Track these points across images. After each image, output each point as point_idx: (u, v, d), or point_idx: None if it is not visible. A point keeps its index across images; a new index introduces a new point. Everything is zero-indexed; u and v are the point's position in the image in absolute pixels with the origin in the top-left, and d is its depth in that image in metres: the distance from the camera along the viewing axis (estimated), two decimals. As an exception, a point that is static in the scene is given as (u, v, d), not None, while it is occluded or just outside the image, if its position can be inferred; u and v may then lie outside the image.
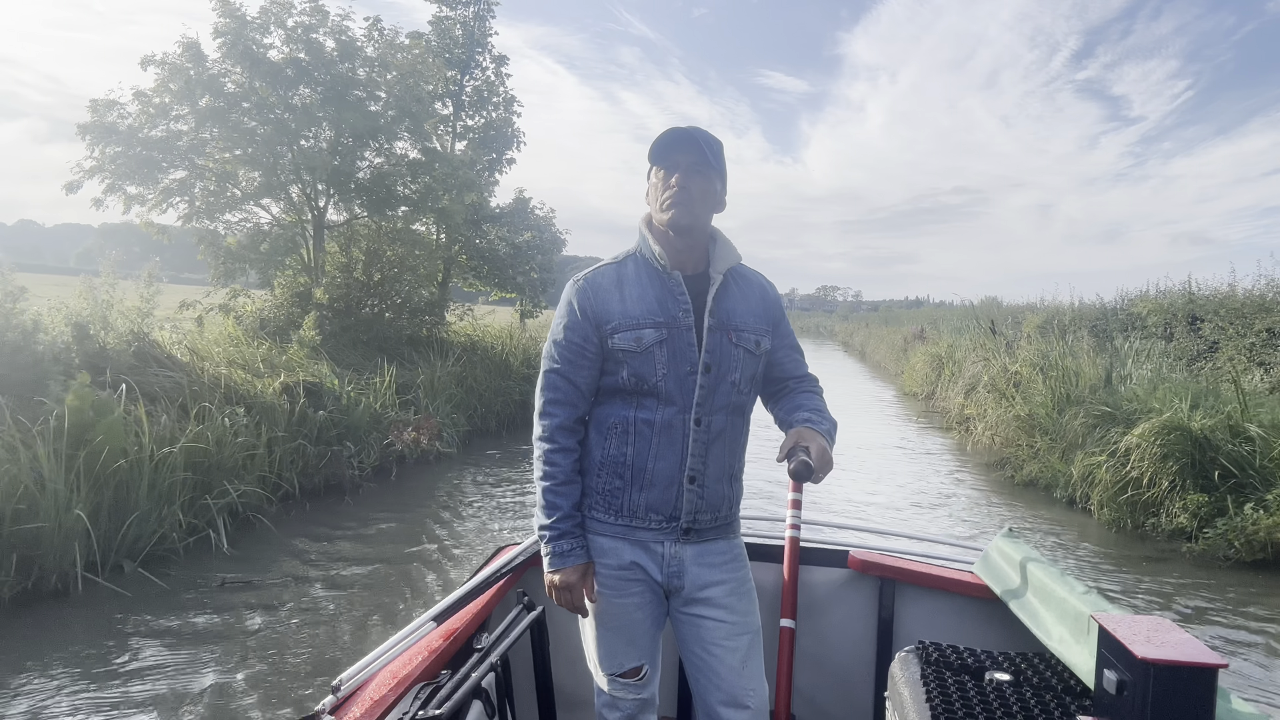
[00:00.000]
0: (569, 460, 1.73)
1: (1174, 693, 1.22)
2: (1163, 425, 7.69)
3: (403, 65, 11.23)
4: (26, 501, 4.61)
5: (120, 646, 4.24)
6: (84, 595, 4.76)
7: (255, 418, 6.76)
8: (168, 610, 4.72)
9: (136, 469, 5.30)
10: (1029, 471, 9.38)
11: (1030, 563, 1.99)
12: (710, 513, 1.75)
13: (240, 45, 10.11)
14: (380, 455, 7.88)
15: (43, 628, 4.41)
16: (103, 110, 10.10)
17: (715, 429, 1.72)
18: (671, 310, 1.71)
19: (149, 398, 6.19)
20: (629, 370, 1.70)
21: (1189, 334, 13.20)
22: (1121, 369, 10.55)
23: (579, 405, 1.75)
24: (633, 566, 1.75)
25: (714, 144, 1.73)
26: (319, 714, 1.38)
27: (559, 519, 1.71)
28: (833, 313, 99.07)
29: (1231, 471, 7.26)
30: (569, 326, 1.73)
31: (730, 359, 1.72)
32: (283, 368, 8.16)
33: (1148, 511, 7.53)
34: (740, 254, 1.83)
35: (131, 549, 5.20)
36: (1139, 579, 6.24)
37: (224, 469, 6.08)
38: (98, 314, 6.69)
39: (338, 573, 5.61)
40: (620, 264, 1.78)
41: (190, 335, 8.23)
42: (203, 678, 3.98)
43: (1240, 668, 4.67)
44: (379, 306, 11.88)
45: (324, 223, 11.31)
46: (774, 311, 1.84)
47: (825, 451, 1.62)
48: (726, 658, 1.74)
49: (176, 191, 10.18)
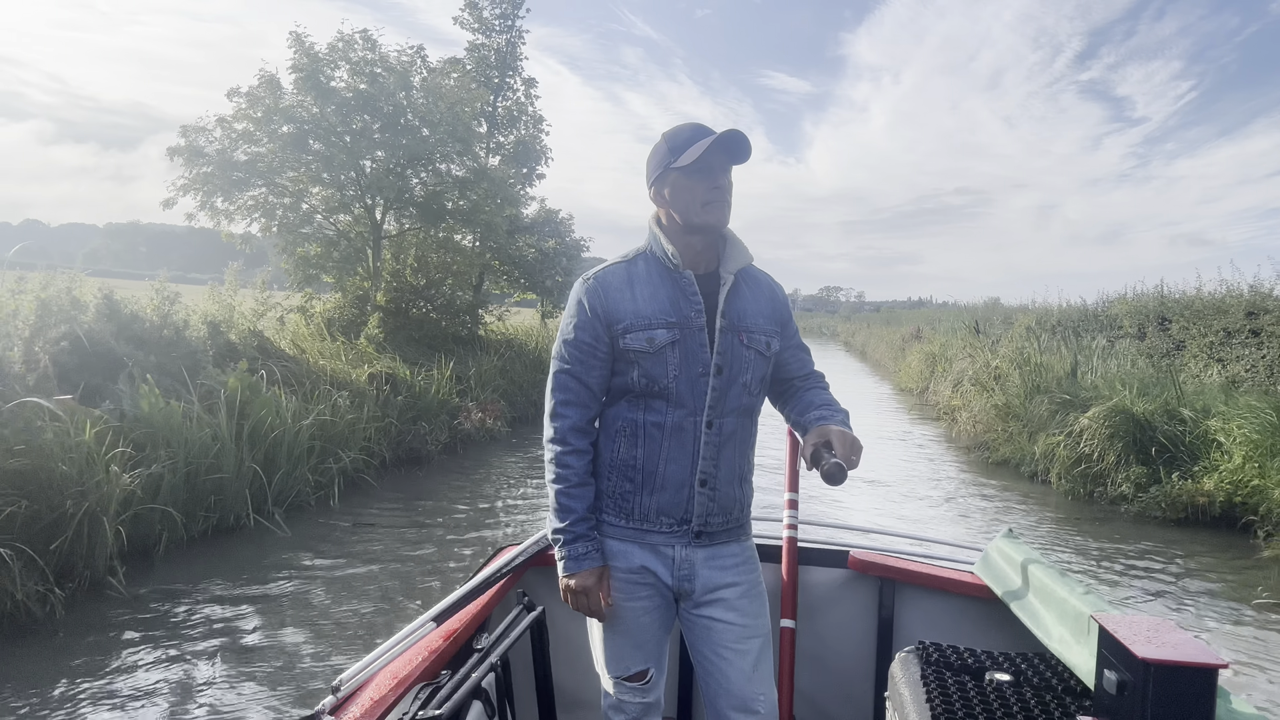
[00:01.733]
0: (582, 462, 1.71)
1: (1174, 693, 1.22)
2: (1110, 409, 9.09)
3: (450, 94, 12.66)
4: (213, 458, 6.04)
5: (276, 567, 5.64)
6: (253, 531, 6.20)
7: (353, 400, 8.19)
8: (307, 544, 6.16)
9: (280, 437, 6.73)
10: (1002, 453, 10.78)
11: (1030, 563, 1.99)
12: (722, 515, 1.74)
13: (312, 79, 11.56)
14: (450, 433, 9.32)
15: (226, 554, 5.83)
16: (193, 135, 11.56)
17: (726, 431, 1.71)
18: (684, 310, 1.69)
19: (271, 382, 7.62)
20: (640, 371, 1.68)
21: (1159, 333, 14.46)
22: (1087, 364, 11.95)
23: (591, 406, 1.74)
24: (642, 570, 1.73)
25: (749, 146, 1.72)
26: (319, 714, 1.38)
27: (573, 521, 1.69)
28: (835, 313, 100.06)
29: (1166, 447, 8.66)
30: (579, 326, 1.71)
31: (741, 360, 1.71)
32: (360, 360, 9.60)
33: (1096, 482, 8.92)
34: (752, 254, 1.81)
35: (278, 499, 6.62)
36: (1086, 536, 7.62)
37: (335, 440, 7.51)
38: (224, 314, 8.13)
39: (423, 520, 7.06)
40: (630, 263, 1.75)
41: (284, 331, 9.67)
42: (336, 590, 5.41)
43: (1163, 592, 6.06)
44: (427, 308, 13.34)
45: (381, 233, 12.76)
46: (783, 313, 1.83)
47: (847, 437, 1.61)
48: (737, 661, 1.72)
49: (259, 208, 11.65)
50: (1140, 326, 15.14)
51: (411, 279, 13.03)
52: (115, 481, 4.90)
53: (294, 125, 11.61)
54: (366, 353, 10.16)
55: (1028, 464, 10.01)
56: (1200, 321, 13.41)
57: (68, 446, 4.87)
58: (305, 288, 12.34)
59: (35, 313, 5.78)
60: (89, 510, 4.75)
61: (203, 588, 5.13)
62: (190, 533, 5.76)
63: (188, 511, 5.73)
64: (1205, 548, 7.20)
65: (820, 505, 7.11)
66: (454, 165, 12.89)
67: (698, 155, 1.64)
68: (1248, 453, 7.93)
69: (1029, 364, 12.27)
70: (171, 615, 4.71)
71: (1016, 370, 12.46)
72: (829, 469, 1.54)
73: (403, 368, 9.79)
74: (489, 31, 16.16)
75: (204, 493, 5.90)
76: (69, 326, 6.04)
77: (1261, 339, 11.70)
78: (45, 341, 5.88)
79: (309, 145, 11.63)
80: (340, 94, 11.78)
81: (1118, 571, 6.46)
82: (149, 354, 6.89)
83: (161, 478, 5.45)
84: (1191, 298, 14.52)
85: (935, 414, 15.42)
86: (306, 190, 12.01)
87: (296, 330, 10.66)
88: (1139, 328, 15.13)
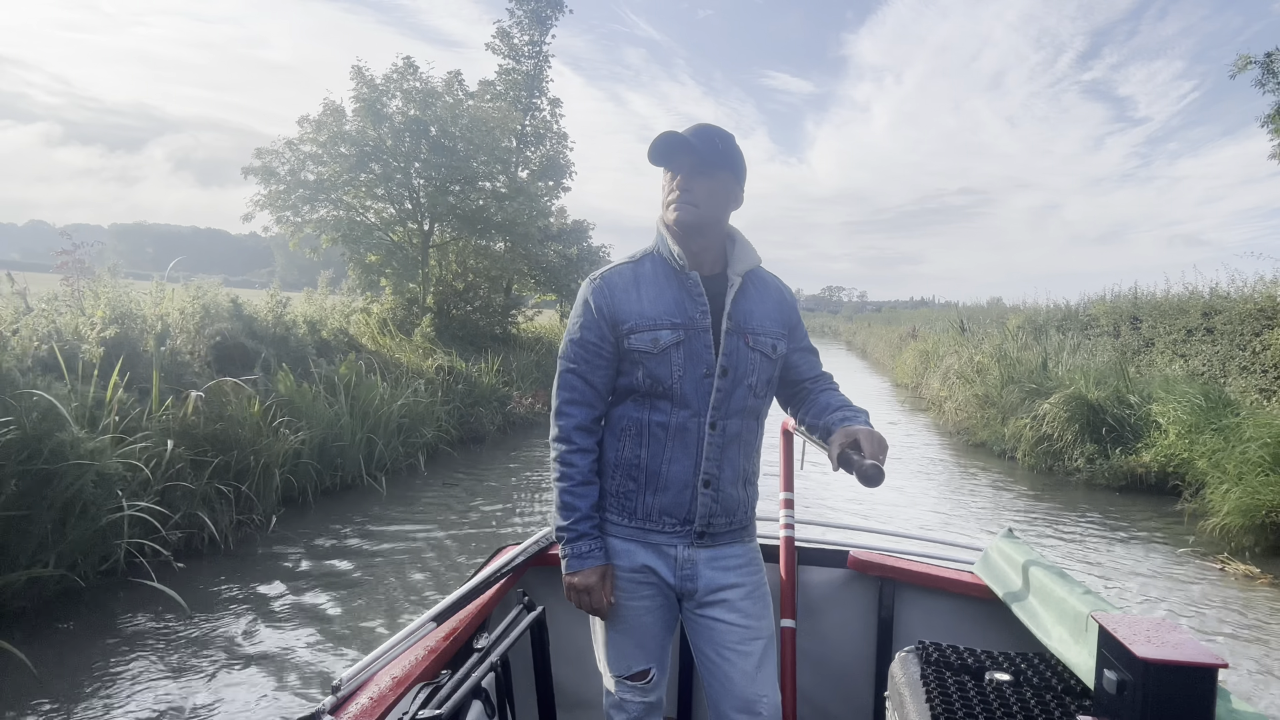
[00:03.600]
0: (587, 461, 1.73)
1: (1174, 692, 1.22)
2: (1069, 396, 10.60)
3: (490, 118, 14.20)
4: (337, 430, 7.59)
5: (379, 519, 7.14)
6: (365, 489, 7.75)
7: (426, 387, 9.74)
8: (403, 500, 7.70)
9: (380, 415, 8.28)
10: (980, 436, 12.30)
11: (1030, 563, 2.00)
12: (725, 516, 1.75)
13: (371, 107, 13.12)
14: (503, 417, 10.88)
15: (347, 508, 7.37)
16: (267, 157, 13.13)
17: (730, 433, 1.72)
18: (689, 311, 1.70)
19: (368, 371, 9.16)
20: (644, 371, 1.69)
21: (1131, 332, 15.91)
22: (1056, 358, 13.47)
23: (596, 405, 1.75)
24: (645, 570, 1.74)
25: (718, 141, 1.70)
26: (319, 714, 1.38)
27: (577, 520, 1.71)
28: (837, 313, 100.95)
29: (1114, 428, 10.17)
30: (585, 326, 1.72)
31: (747, 362, 1.72)
32: (425, 354, 11.15)
33: (1055, 458, 10.43)
34: (760, 256, 1.81)
35: (379, 465, 8.17)
36: (1044, 499, 9.12)
37: (417, 419, 9.06)
38: (320, 315, 9.68)
39: (490, 483, 8.60)
40: (637, 263, 1.76)
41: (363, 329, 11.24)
42: (430, 533, 6.95)
43: (1094, 547, 7.56)
44: (468, 309, 14.89)
45: (429, 242, 14.32)
46: (790, 316, 1.83)
47: (874, 436, 1.60)
48: (740, 662, 1.73)
49: (328, 222, 13.23)
50: (1115, 325, 16.57)
51: (454, 283, 14.58)
52: (283, 442, 6.45)
53: (354, 148, 13.17)
54: (424, 348, 11.70)
55: (999, 444, 11.53)
56: (1166, 320, 14.79)
57: (244, 416, 6.41)
58: (367, 291, 13.91)
59: (199, 315, 7.33)
60: (264, 463, 6.29)
61: (334, 528, 6.68)
62: (323, 487, 7.31)
63: (319, 472, 7.28)
64: (1142, 508, 8.69)
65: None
66: (496, 183, 14.44)
67: (660, 154, 1.71)
68: (1179, 431, 9.42)
69: (1006, 359, 13.79)
70: (314, 542, 6.26)
71: (996, 364, 13.97)
72: (868, 470, 1.52)
73: (459, 361, 11.35)
74: (519, 57, 17.71)
75: (331, 457, 7.44)
76: (218, 325, 7.58)
77: (1215, 336, 13.16)
78: (202, 338, 7.42)
79: (368, 166, 13.19)
80: (394, 120, 13.33)
81: (1070, 527, 7.95)
82: (268, 348, 8.44)
83: (303, 443, 6.99)
84: (1159, 299, 15.95)
85: (925, 405, 16.94)
86: (367, 205, 13.58)
87: (361, 329, 12.20)
88: (1114, 326, 16.57)
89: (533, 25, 17.70)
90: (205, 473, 5.79)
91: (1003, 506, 8.72)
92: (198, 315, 7.30)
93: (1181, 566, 6.70)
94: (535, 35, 17.78)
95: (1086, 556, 6.85)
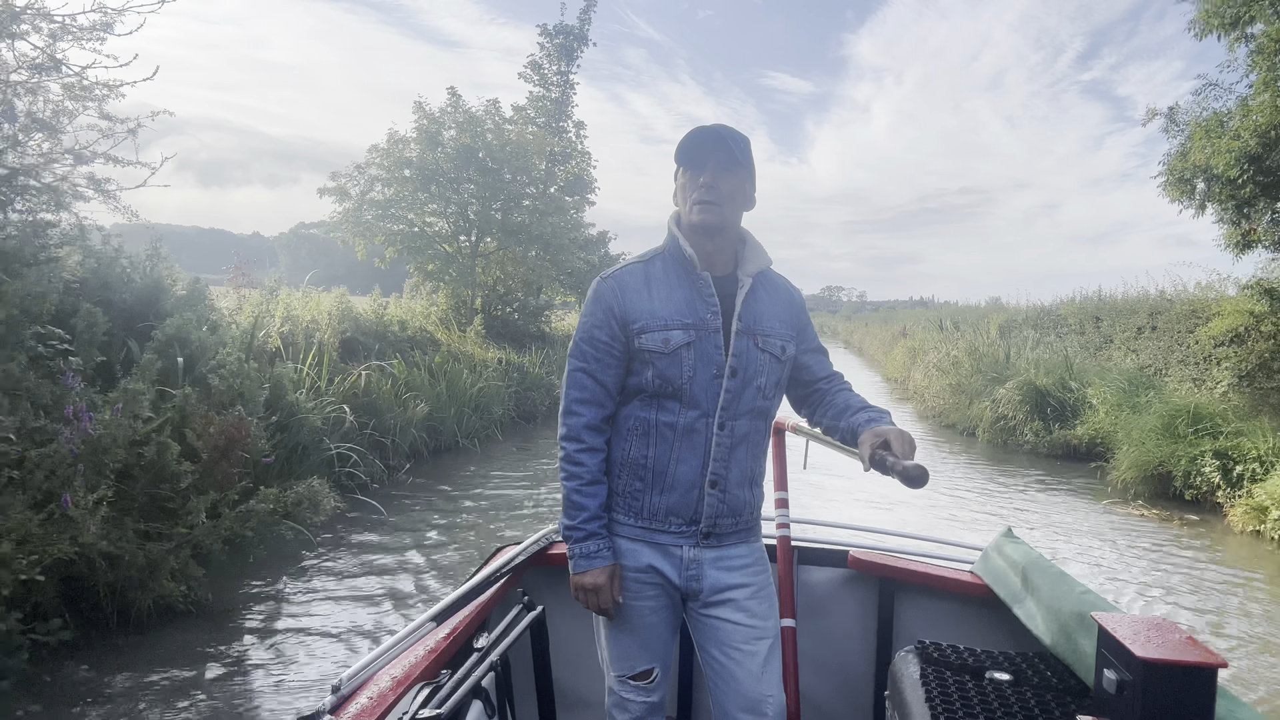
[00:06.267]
0: (595, 460, 1.74)
1: (1173, 692, 1.23)
2: (1021, 383, 12.78)
3: (528, 144, 16.39)
4: (438, 405, 9.78)
5: (478, 470, 9.33)
6: (460, 450, 9.94)
7: (492, 374, 11.94)
8: (491, 458, 9.87)
9: (466, 395, 10.47)
10: (950, 419, 14.48)
11: (1030, 563, 2.01)
12: (732, 517, 1.76)
13: (432, 137, 15.31)
14: (551, 400, 13.07)
15: (441, 467, 9.54)
16: (341, 179, 15.34)
17: (739, 433, 1.73)
18: (700, 312, 1.71)
19: (450, 359, 11.34)
20: (654, 371, 1.70)
21: (1094, 330, 18.00)
22: (1018, 353, 15.65)
23: (606, 404, 1.75)
24: (650, 570, 1.76)
25: (741, 141, 1.72)
26: (319, 714, 1.39)
27: (585, 519, 1.71)
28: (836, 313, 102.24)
29: (1057, 408, 12.34)
30: (596, 325, 1.73)
31: (756, 364, 1.73)
32: (482, 348, 13.32)
33: (1009, 434, 12.61)
34: (771, 258, 1.82)
35: (467, 434, 10.35)
36: (997, 466, 11.30)
37: (490, 399, 11.24)
38: (406, 315, 11.87)
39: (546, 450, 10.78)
40: (648, 263, 1.77)
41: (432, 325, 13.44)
42: (513, 480, 9.13)
43: (1050, 489, 9.73)
44: (507, 309, 17.08)
45: (477, 251, 16.53)
46: (800, 317, 1.85)
47: (905, 436, 1.59)
48: (746, 662, 1.73)
49: (395, 234, 15.45)
50: (1081, 324, 18.66)
51: (497, 287, 16.78)
52: (411, 411, 8.64)
53: (416, 171, 15.37)
54: (478, 344, 13.88)
55: (965, 424, 13.71)
56: (1121, 320, 16.87)
57: (381, 392, 8.60)
58: (429, 295, 16.13)
59: (339, 315, 9.53)
60: (399, 426, 8.48)
61: (450, 474, 8.85)
62: (433, 448, 9.51)
63: (431, 437, 9.47)
64: (1074, 471, 10.86)
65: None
66: (534, 201, 16.65)
67: (687, 152, 1.71)
68: (1107, 410, 11.59)
69: (976, 353, 15.98)
70: (438, 486, 8.44)
71: (968, 358, 16.15)
72: (911, 471, 1.46)
73: (512, 354, 13.54)
74: (548, 86, 19.92)
75: (435, 426, 9.64)
76: (345, 324, 9.77)
77: (1159, 333, 15.29)
78: (335, 333, 9.61)
79: (428, 187, 15.40)
80: (448, 147, 15.54)
81: (1016, 484, 10.11)
82: (374, 341, 10.63)
83: (424, 415, 9.18)
84: (1117, 301, 18.02)
85: (910, 395, 19.13)
86: (427, 221, 15.84)
87: (436, 327, 14.37)
88: (1080, 325, 18.66)
89: (560, 57, 19.91)
90: (365, 431, 7.97)
91: (961, 473, 10.91)
92: (337, 316, 9.49)
93: (1097, 507, 8.90)
94: (563, 66, 19.97)
95: (1029, 504, 9.04)
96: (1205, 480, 8.66)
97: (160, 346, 5.86)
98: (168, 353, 5.91)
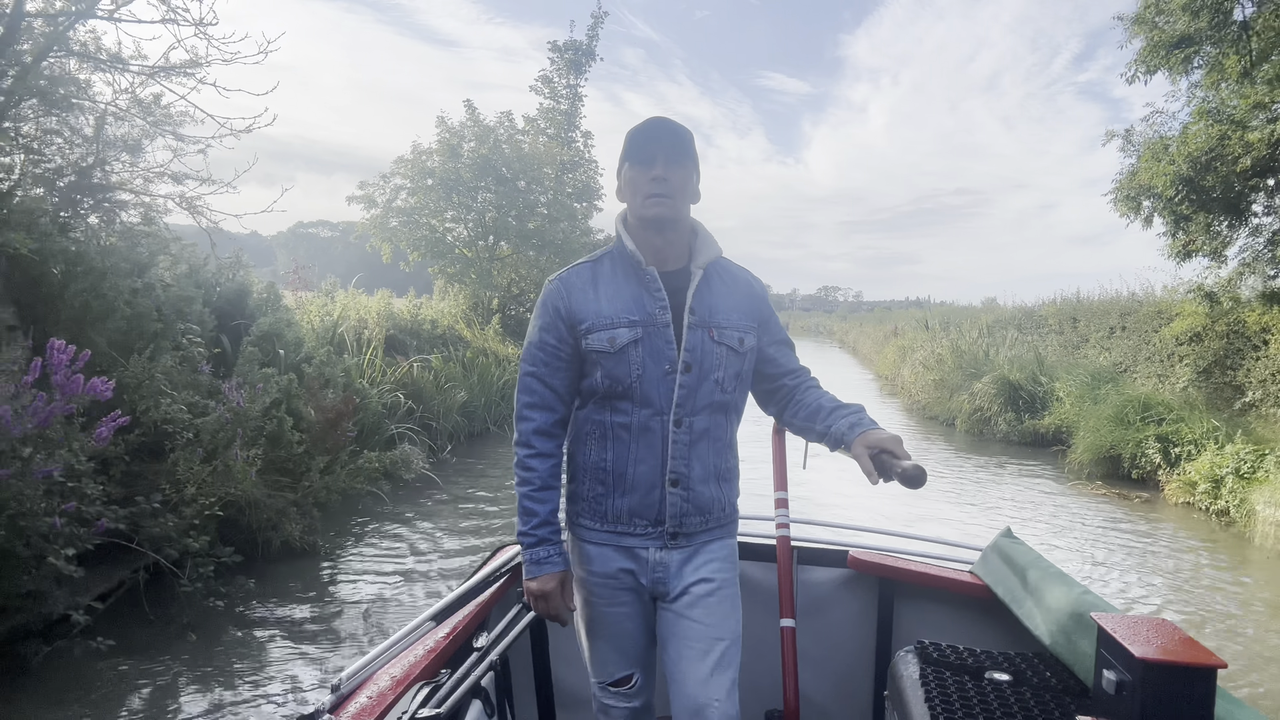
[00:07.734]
0: (546, 465, 1.71)
1: (1173, 693, 1.23)
2: (996, 377, 14.00)
3: (541, 155, 17.57)
4: (472, 393, 10.96)
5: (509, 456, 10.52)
6: (492, 435, 11.12)
7: (513, 368, 13.10)
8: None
9: (494, 385, 11.65)
10: (933, 411, 15.70)
11: (1029, 563, 2.01)
12: (699, 515, 1.73)
13: (453, 150, 16.50)
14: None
15: (476, 449, 10.71)
16: (369, 188, 16.52)
17: (698, 429, 1.70)
18: (648, 308, 1.68)
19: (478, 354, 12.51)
20: (603, 372, 1.67)
21: (1072, 330, 19.17)
22: (997, 350, 16.88)
23: (556, 409, 1.73)
24: (620, 574, 1.74)
25: (686, 135, 1.70)
26: (319, 713, 1.39)
27: (535, 525, 1.70)
28: (833, 313, 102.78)
29: (1028, 401, 13.56)
30: (543, 328, 1.72)
31: (713, 357, 1.69)
32: (502, 344, 14.49)
33: (984, 424, 13.82)
34: (721, 247, 1.78)
35: (496, 420, 11.53)
36: (972, 452, 12.50)
37: (513, 390, 12.40)
38: (438, 315, 13.05)
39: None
40: (596, 262, 1.76)
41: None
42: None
43: (1021, 472, 10.94)
44: (520, 310, 18.27)
45: (493, 255, 17.73)
46: (761, 308, 1.80)
47: (897, 438, 1.57)
48: (696, 662, 1.68)
49: (419, 239, 16.62)
50: (1060, 324, 19.85)
51: (511, 289, 17.98)
52: (452, 398, 9.83)
53: (437, 180, 16.54)
54: (491, 339, 15.05)
55: (945, 415, 14.93)
56: (1095, 320, 18.04)
57: (424, 382, 9.78)
58: (448, 295, 17.32)
59: (384, 314, 10.71)
60: (442, 412, 9.66)
61: (486, 454, 10.02)
62: (468, 433, 10.69)
63: (467, 422, 10.65)
64: (1041, 457, 12.06)
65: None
66: (546, 208, 17.85)
67: (635, 146, 1.69)
68: (1072, 402, 12.80)
69: (958, 351, 17.20)
70: (475, 466, 9.61)
71: (951, 355, 17.37)
72: (910, 472, 1.48)
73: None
74: (558, 98, 21.11)
75: (470, 413, 10.82)
76: (387, 322, 10.96)
77: (1128, 333, 16.48)
78: (379, 330, 10.79)
79: (450, 196, 16.58)
80: (467, 158, 16.72)
81: (995, 466, 11.31)
82: (409, 338, 11.81)
83: (459, 401, 10.36)
84: (1093, 302, 19.17)
85: (898, 391, 20.35)
86: (448, 227, 17.03)
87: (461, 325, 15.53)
88: (1060, 325, 19.85)
89: (570, 71, 21.09)
90: (415, 415, 9.16)
91: (938, 458, 12.11)
92: (384, 315, 10.67)
93: (1058, 486, 10.11)
94: (571, 79, 21.14)
95: (1000, 484, 10.25)
96: (1148, 460, 9.88)
97: (256, 341, 7.06)
98: (263, 346, 7.10)
